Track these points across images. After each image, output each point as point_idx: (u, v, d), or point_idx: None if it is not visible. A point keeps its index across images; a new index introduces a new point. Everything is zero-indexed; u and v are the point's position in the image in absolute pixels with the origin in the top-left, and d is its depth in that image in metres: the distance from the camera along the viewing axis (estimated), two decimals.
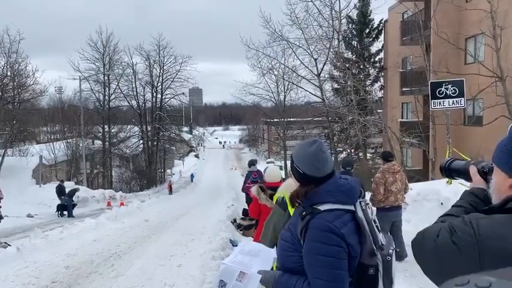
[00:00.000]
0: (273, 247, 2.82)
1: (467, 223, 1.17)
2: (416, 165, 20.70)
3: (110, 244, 8.94)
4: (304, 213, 1.81)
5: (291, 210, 2.66)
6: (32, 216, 17.40)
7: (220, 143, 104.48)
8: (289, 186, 2.85)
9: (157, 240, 9.43)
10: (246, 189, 9.25)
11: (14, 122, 26.81)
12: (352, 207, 1.82)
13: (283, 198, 2.84)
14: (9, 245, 8.64)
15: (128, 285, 5.72)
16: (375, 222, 1.92)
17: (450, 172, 1.62)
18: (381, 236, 1.89)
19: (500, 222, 1.14)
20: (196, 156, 77.25)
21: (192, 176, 48.14)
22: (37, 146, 33.55)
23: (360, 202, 1.89)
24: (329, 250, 1.71)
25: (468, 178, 1.49)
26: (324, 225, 1.73)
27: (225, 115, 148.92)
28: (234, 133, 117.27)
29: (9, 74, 26.93)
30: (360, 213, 1.84)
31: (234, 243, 7.08)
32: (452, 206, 1.44)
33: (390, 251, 1.88)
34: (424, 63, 16.80)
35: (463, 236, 1.15)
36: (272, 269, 2.05)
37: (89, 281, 6.10)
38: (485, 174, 1.41)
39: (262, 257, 2.05)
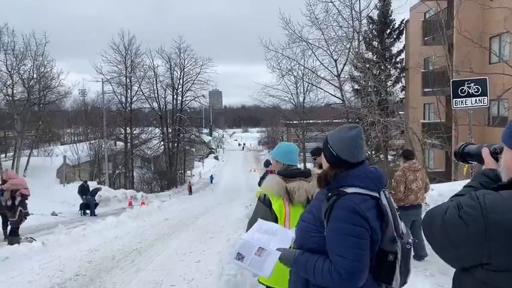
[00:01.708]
0: None
1: (474, 198, 1.20)
2: (438, 167, 20.30)
3: (130, 241, 9.11)
4: (330, 194, 1.83)
5: (275, 207, 2.72)
6: (56, 215, 17.84)
7: (239, 145, 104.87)
8: (271, 183, 2.87)
9: (176, 238, 9.56)
10: None
11: (40, 123, 27.60)
12: (377, 194, 1.85)
13: (265, 195, 2.85)
14: (34, 239, 8.90)
15: (147, 280, 5.81)
16: (397, 211, 1.94)
17: (464, 156, 1.63)
18: (402, 225, 1.90)
19: (506, 198, 1.17)
20: (216, 158, 77.77)
21: (211, 177, 48.47)
22: (61, 146, 34.48)
23: (384, 191, 1.92)
24: (354, 230, 1.73)
25: (481, 161, 1.51)
26: (351, 207, 1.76)
27: (244, 117, 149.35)
28: (253, 135, 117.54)
29: (35, 76, 27.76)
30: (384, 201, 1.86)
31: None
32: (464, 186, 1.45)
33: (410, 240, 1.89)
34: (446, 63, 16.48)
35: (470, 211, 1.18)
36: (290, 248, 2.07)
37: (110, 275, 6.24)
38: (497, 154, 1.42)
39: (280, 236, 2.06)
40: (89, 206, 19.18)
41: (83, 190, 19.61)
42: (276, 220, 2.83)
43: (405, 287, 1.93)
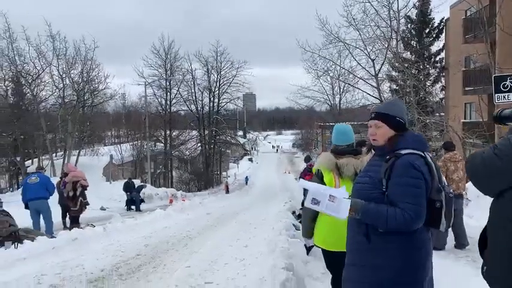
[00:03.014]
0: (315, 213, 3.22)
1: (505, 139, 1.62)
2: None
3: (180, 230, 9.74)
4: (388, 157, 2.26)
5: (326, 180, 3.17)
6: (105, 209, 18.94)
7: (273, 147, 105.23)
8: (324, 159, 3.30)
9: (221, 229, 10.11)
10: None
11: (88, 123, 29.24)
12: (423, 154, 2.27)
13: (318, 170, 3.29)
14: (93, 226, 9.73)
15: (202, 258, 6.35)
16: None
17: (501, 119, 2.00)
18: (443, 178, 2.31)
19: None
20: (250, 159, 78.51)
21: (246, 178, 49.10)
22: (106, 147, 36.30)
23: (427, 152, 2.34)
24: (414, 182, 2.16)
25: None
26: (409, 163, 2.19)
27: (278, 120, 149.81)
28: (287, 137, 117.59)
29: (84, 79, 29.51)
30: (429, 159, 2.28)
31: (297, 228, 7.50)
32: (500, 138, 1.84)
33: (451, 190, 2.30)
34: (488, 61, 16.24)
35: (502, 148, 1.60)
36: None
37: (168, 255, 6.84)
38: None
39: (336, 192, 2.30)
40: (134, 201, 20.25)
41: (128, 187, 20.71)
42: None
43: (448, 273, 2.33)
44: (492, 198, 1.78)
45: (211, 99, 43.99)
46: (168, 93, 40.88)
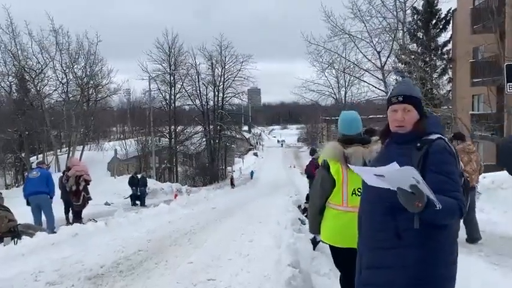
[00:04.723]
0: (323, 202, 3.09)
1: None
2: (487, 160, 19.56)
3: (183, 224, 9.59)
4: (419, 144, 2.02)
5: (333, 171, 2.99)
6: (109, 204, 18.84)
7: (278, 141, 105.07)
8: (329, 149, 3.07)
9: (226, 223, 9.95)
10: (310, 172, 9.47)
11: (92, 118, 29.15)
12: (444, 138, 2.09)
13: (325, 160, 3.05)
14: (96, 221, 9.59)
15: (206, 254, 6.18)
16: None
17: None
18: (461, 163, 2.16)
19: None
20: (255, 154, 78.52)
21: (251, 173, 49.07)
22: (111, 142, 36.26)
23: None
24: (455, 169, 1.99)
25: None
26: (446, 150, 2.01)
27: (283, 114, 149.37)
28: (292, 132, 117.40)
29: (88, 74, 29.38)
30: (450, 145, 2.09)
31: (302, 222, 7.30)
32: None
33: (465, 173, 2.21)
34: (498, 51, 15.89)
35: None
36: None
37: (170, 250, 6.67)
38: None
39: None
40: (138, 196, 20.18)
41: (133, 181, 20.62)
42: (334, 183, 3.05)
43: (460, 268, 2.12)
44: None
45: (216, 93, 43.83)
46: (172, 88, 40.74)
